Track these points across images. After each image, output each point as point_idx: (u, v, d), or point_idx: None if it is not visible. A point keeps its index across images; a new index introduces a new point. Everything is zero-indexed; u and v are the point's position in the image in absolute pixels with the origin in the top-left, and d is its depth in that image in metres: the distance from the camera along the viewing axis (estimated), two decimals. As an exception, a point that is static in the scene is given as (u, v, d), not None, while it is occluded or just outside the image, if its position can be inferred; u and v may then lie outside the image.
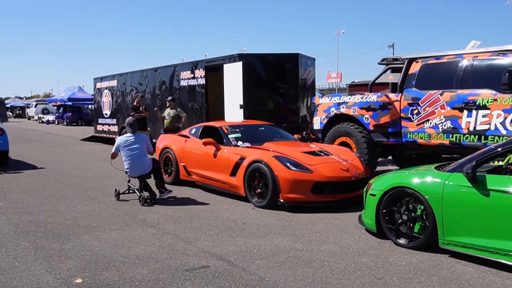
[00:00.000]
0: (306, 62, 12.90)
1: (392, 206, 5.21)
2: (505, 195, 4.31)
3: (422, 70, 8.25)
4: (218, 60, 13.05)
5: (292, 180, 6.83)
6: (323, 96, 10.04)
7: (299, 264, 4.60)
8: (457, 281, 4.12)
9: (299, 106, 12.43)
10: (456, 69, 7.75)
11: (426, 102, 7.96)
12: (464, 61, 7.71)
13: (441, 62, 8.10)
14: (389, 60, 9.32)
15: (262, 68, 12.30)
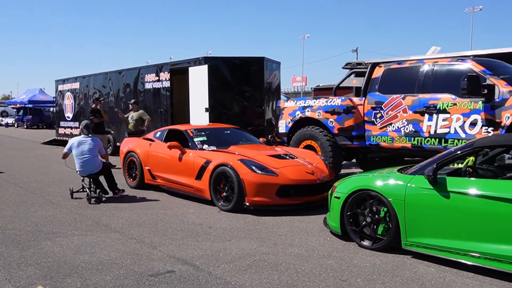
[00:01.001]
0: (272, 66, 12.97)
1: (356, 209, 5.28)
2: (464, 196, 4.43)
3: (385, 75, 8.42)
4: (184, 63, 12.97)
5: (258, 184, 6.84)
6: (288, 99, 10.12)
7: (265, 268, 4.60)
8: (419, 281, 4.20)
9: (264, 109, 12.49)
10: (417, 74, 7.94)
11: (388, 106, 8.13)
12: (425, 66, 7.92)
13: (403, 67, 8.29)
14: (353, 64, 9.49)
15: (228, 71, 12.29)
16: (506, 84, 6.94)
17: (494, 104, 6.91)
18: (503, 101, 6.82)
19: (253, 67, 12.46)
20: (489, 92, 6.93)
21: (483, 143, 4.86)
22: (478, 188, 4.38)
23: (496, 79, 7.06)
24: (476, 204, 4.36)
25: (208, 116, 11.72)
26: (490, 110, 6.94)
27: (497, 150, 5.47)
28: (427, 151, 7.57)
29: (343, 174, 8.93)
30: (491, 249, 4.22)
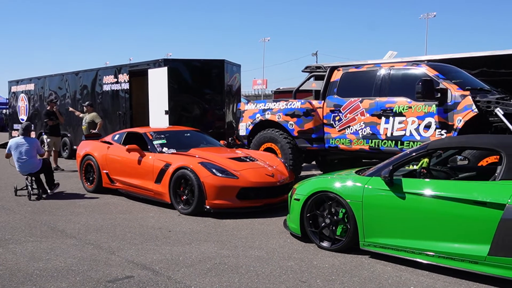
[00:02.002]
0: (232, 69, 12.97)
1: (316, 210, 5.34)
2: (419, 197, 4.56)
3: (343, 78, 8.57)
4: (143, 65, 12.80)
5: (218, 186, 6.82)
6: (249, 102, 10.14)
7: (225, 271, 4.59)
8: (376, 281, 4.30)
9: (225, 112, 12.46)
10: (374, 77, 8.12)
11: (347, 109, 8.27)
12: (381, 70, 8.10)
13: (361, 71, 8.46)
14: (312, 68, 9.60)
15: (188, 73, 12.21)
16: (458, 88, 7.18)
17: (447, 108, 7.15)
18: (455, 105, 7.06)
19: (213, 70, 12.42)
20: (442, 95, 7.16)
21: (436, 145, 5.02)
22: (432, 188, 4.52)
23: (448, 83, 7.30)
24: (430, 204, 4.49)
25: (168, 119, 11.60)
26: (443, 113, 7.17)
27: (450, 151, 5.66)
28: (384, 153, 7.74)
29: (303, 176, 9.02)
30: (444, 248, 4.36)
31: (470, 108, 6.83)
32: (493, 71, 9.70)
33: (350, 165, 8.92)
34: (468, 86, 7.33)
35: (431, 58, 10.12)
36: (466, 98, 6.95)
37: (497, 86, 8.17)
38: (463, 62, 9.49)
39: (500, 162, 4.36)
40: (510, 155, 4.27)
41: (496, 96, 6.99)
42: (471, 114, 6.81)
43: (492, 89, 7.77)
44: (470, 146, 5.33)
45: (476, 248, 4.17)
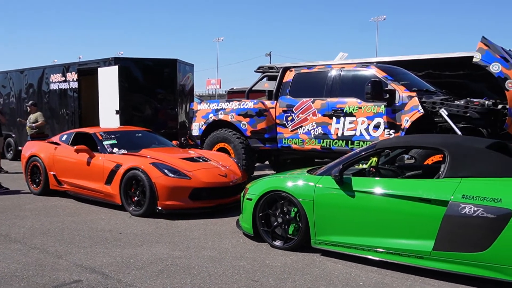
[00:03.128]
0: (185, 68, 12.86)
1: (268, 210, 5.37)
2: (368, 195, 4.67)
3: (295, 79, 8.66)
4: (92, 63, 12.48)
5: (170, 187, 6.74)
6: (202, 102, 10.08)
7: (177, 272, 4.54)
8: (327, 278, 4.36)
9: (177, 112, 12.33)
10: (325, 78, 8.26)
11: (299, 109, 8.37)
12: (333, 71, 8.25)
13: (312, 72, 8.58)
14: (264, 68, 9.66)
15: (140, 72, 12.00)
16: (405, 89, 7.41)
17: (395, 108, 7.36)
18: (403, 105, 7.28)
19: (165, 69, 12.26)
20: (391, 96, 7.36)
21: (384, 144, 5.16)
22: (380, 187, 4.64)
23: (396, 84, 7.52)
24: (378, 202, 4.61)
25: (118, 119, 11.36)
26: (391, 113, 7.38)
27: (397, 151, 5.83)
28: (335, 152, 7.88)
29: (256, 176, 9.05)
30: (393, 244, 4.49)
31: (417, 109, 7.06)
32: (438, 73, 10.08)
33: (303, 164, 9.03)
34: (415, 88, 7.58)
35: (380, 60, 10.40)
36: (412, 99, 7.17)
37: (442, 87, 8.49)
38: (410, 64, 9.80)
39: (444, 160, 4.53)
40: (453, 153, 4.44)
41: (441, 97, 7.25)
42: (418, 115, 7.04)
43: (437, 90, 8.06)
44: (416, 145, 5.51)
45: (421, 244, 4.32)
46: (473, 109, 6.68)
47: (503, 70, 6.48)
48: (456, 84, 9.71)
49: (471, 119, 6.71)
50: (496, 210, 3.92)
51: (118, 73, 11.40)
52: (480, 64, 6.67)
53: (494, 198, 3.97)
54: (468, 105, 6.76)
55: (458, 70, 9.86)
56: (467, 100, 6.93)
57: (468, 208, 4.05)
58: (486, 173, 4.24)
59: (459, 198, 4.12)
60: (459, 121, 6.78)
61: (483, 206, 3.99)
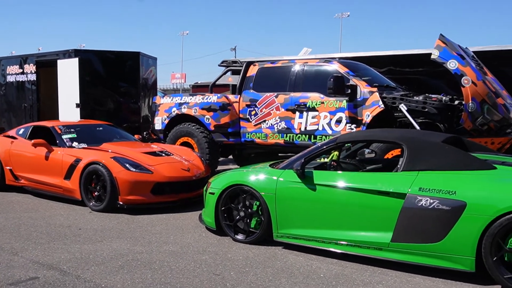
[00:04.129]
0: (148, 61, 12.67)
1: (230, 204, 5.37)
2: (329, 188, 4.74)
3: (259, 73, 8.67)
4: (52, 55, 12.14)
5: (132, 182, 6.64)
6: (165, 96, 9.96)
7: (138, 267, 4.49)
8: (288, 271, 4.40)
9: (140, 106, 12.16)
10: (289, 73, 8.30)
11: (262, 104, 8.39)
12: (296, 66, 8.30)
13: (276, 66, 8.61)
14: (228, 62, 9.63)
15: (101, 65, 11.76)
16: (366, 85, 7.53)
17: (356, 103, 7.47)
18: (364, 100, 7.40)
19: (128, 62, 12.06)
20: (352, 92, 7.47)
21: (345, 138, 5.23)
22: (341, 180, 4.71)
23: (358, 80, 7.63)
24: (339, 195, 4.68)
25: (79, 113, 11.11)
26: (353, 108, 7.49)
27: (358, 145, 5.93)
28: (298, 147, 7.94)
29: (220, 170, 9.02)
30: (353, 237, 4.57)
31: (377, 104, 7.19)
32: (399, 70, 10.30)
33: (267, 159, 9.06)
34: (376, 83, 7.72)
35: (343, 56, 10.54)
36: (373, 94, 7.30)
37: (402, 84, 8.68)
38: (372, 60, 9.98)
39: (402, 154, 4.64)
40: (411, 147, 4.55)
41: (400, 93, 7.41)
42: (378, 110, 7.17)
43: (398, 86, 8.24)
44: (375, 139, 5.62)
45: (380, 236, 4.41)
46: (431, 105, 6.86)
47: (459, 67, 6.68)
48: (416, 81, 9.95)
49: (429, 114, 6.88)
50: (451, 202, 4.05)
51: (79, 65, 11.14)
52: (438, 61, 6.85)
53: (449, 191, 4.09)
54: (426, 100, 6.93)
55: (418, 67, 10.10)
56: (426, 96, 7.11)
57: (425, 201, 4.16)
58: (442, 167, 4.36)
59: (416, 191, 4.23)
60: (418, 116, 6.94)
61: (438, 198, 4.11)
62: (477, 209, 3.94)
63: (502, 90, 7.43)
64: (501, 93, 7.17)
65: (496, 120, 6.72)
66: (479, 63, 7.63)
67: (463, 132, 6.71)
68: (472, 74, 6.65)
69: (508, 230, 3.85)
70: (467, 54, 7.26)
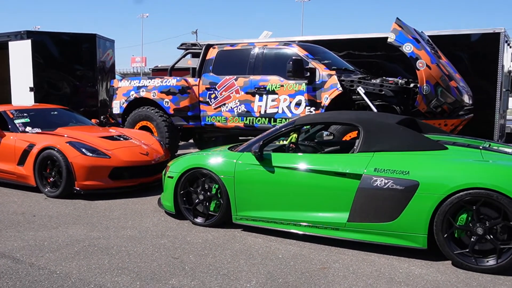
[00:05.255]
0: (105, 44, 12.34)
1: (189, 187, 5.34)
2: (287, 170, 4.77)
3: (219, 56, 8.59)
4: (2, 37, 11.61)
5: (88, 167, 6.50)
6: (123, 79, 9.74)
7: (95, 253, 4.41)
8: (247, 252, 4.43)
9: (97, 89, 11.86)
10: (248, 56, 8.26)
11: (222, 87, 8.33)
12: (255, 49, 8.27)
13: (236, 49, 8.55)
14: (187, 45, 9.49)
15: (56, 48, 11.38)
16: (325, 68, 7.59)
17: (315, 86, 7.52)
18: (322, 83, 7.46)
19: (84, 44, 11.71)
20: (311, 75, 7.51)
21: (303, 120, 5.27)
22: (299, 162, 4.76)
23: (317, 63, 7.67)
24: (297, 177, 4.72)
25: (33, 96, 10.74)
26: (312, 91, 7.54)
27: (317, 127, 5.99)
28: (258, 130, 7.94)
29: (180, 154, 8.95)
30: (311, 218, 4.63)
31: (336, 87, 7.26)
32: (358, 53, 10.41)
33: (228, 142, 9.04)
34: (334, 66, 7.79)
35: (302, 39, 10.56)
36: (332, 77, 7.37)
37: (361, 67, 8.79)
38: (332, 44, 10.04)
39: (359, 136, 4.71)
40: (366, 129, 4.63)
41: (358, 76, 7.51)
42: (337, 92, 7.25)
43: (356, 69, 8.34)
44: (333, 121, 5.68)
45: (337, 216, 4.49)
46: (388, 88, 6.98)
47: (414, 50, 6.80)
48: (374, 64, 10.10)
49: (385, 97, 7.01)
50: (405, 182, 4.15)
51: (32, 47, 10.73)
52: (394, 44, 6.95)
53: (402, 171, 4.19)
54: (383, 83, 7.05)
55: (377, 51, 10.25)
56: (383, 79, 7.23)
57: (380, 181, 4.25)
58: (396, 148, 4.46)
59: (371, 172, 4.32)
60: (375, 98, 7.06)
61: (393, 178, 4.21)
62: (429, 188, 4.06)
63: (455, 73, 7.65)
64: (454, 76, 7.37)
65: (449, 103, 6.90)
66: (434, 46, 7.81)
67: (418, 114, 6.87)
68: (426, 58, 6.79)
69: (458, 208, 3.99)
70: (422, 38, 7.41)
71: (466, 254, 3.97)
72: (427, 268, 4.02)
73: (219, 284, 3.71)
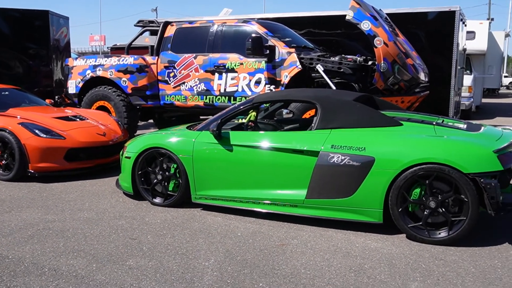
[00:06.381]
0: (59, 21, 11.89)
1: (147, 167, 5.26)
2: (245, 149, 4.75)
3: (177, 34, 8.43)
4: None
5: (43, 148, 6.30)
6: (78, 58, 9.43)
7: (49, 236, 4.30)
8: (206, 231, 4.42)
9: (52, 69, 11.47)
10: (207, 34, 8.14)
11: (181, 65, 8.19)
12: (214, 26, 8.14)
13: (194, 27, 8.40)
14: (145, 22, 9.26)
15: (5, 25, 10.90)
16: (285, 45, 7.56)
17: (275, 64, 7.49)
18: (282, 61, 7.43)
19: (36, 22, 11.25)
20: (271, 52, 7.47)
21: (261, 98, 5.23)
22: (257, 140, 4.74)
23: (277, 40, 7.63)
24: (255, 155, 4.71)
25: (-17, 77, 10.29)
26: (271, 69, 7.51)
27: (277, 105, 5.98)
28: (218, 108, 7.88)
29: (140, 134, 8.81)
30: (269, 195, 4.64)
31: (295, 65, 7.25)
32: (318, 31, 10.43)
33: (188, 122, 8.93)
34: (294, 44, 7.76)
35: (262, 17, 10.48)
36: (291, 55, 7.35)
37: (320, 45, 8.80)
38: (292, 22, 10.02)
39: (316, 113, 4.72)
40: (323, 106, 4.65)
41: (318, 54, 7.51)
42: (296, 70, 7.25)
43: (315, 47, 8.34)
44: (291, 99, 5.67)
45: (296, 193, 4.52)
46: (346, 65, 7.03)
47: (372, 28, 6.86)
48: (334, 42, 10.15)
49: (344, 74, 7.06)
50: (361, 158, 4.21)
51: (-21, 24, 10.25)
52: (352, 22, 6.98)
53: (359, 147, 4.24)
54: (342, 61, 7.08)
55: (336, 29, 10.29)
56: (341, 56, 7.26)
57: (336, 157, 4.29)
58: (353, 124, 4.50)
59: (328, 148, 4.35)
60: (334, 76, 7.10)
61: (349, 155, 4.26)
62: (384, 164, 4.13)
63: (412, 51, 7.77)
64: (411, 54, 7.48)
65: (406, 80, 7.02)
66: (392, 24, 7.89)
67: (376, 92, 6.96)
68: (384, 35, 6.86)
69: (412, 183, 4.08)
70: (380, 15, 7.46)
71: (420, 227, 4.08)
72: (383, 242, 4.11)
73: (177, 264, 3.69)
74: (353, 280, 3.40)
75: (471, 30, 14.04)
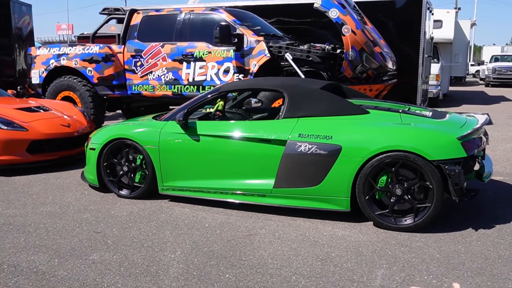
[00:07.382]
0: (21, 9, 11.51)
1: (113, 159, 5.14)
2: (212, 138, 4.69)
3: (143, 22, 8.26)
4: None
5: (4, 141, 6.09)
6: (41, 47, 9.14)
7: (10, 231, 4.16)
8: (173, 223, 4.35)
9: (14, 58, 11.13)
10: (175, 22, 7.99)
11: (148, 54, 8.04)
12: (182, 14, 8.00)
13: (161, 15, 8.24)
14: (110, 10, 9.03)
15: (-36, 13, 10.49)
16: (253, 34, 7.49)
17: (243, 53, 7.42)
18: (251, 50, 7.36)
19: (-3, 10, 10.87)
20: (239, 41, 7.39)
21: (228, 87, 5.16)
22: (225, 130, 4.68)
23: (245, 29, 7.55)
24: (223, 144, 4.65)
25: None
26: (240, 58, 7.43)
27: (245, 94, 5.92)
28: (187, 98, 7.73)
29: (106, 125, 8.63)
30: (238, 185, 4.59)
31: (264, 53, 7.20)
32: (287, 20, 10.39)
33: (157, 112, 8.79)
34: (263, 32, 7.70)
35: (231, 5, 10.36)
36: (260, 43, 7.29)
37: (290, 33, 8.75)
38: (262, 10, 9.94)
39: (284, 102, 4.69)
40: (291, 95, 4.61)
41: (286, 42, 7.47)
42: (265, 59, 7.20)
43: (284, 35, 8.30)
44: (258, 88, 5.61)
45: (264, 183, 4.48)
46: (315, 54, 7.01)
47: (340, 16, 6.85)
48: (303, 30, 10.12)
49: (313, 63, 7.04)
50: (328, 147, 4.20)
51: None
52: (319, 9, 6.96)
53: (326, 136, 4.23)
54: (310, 49, 7.06)
55: (305, 17, 10.27)
56: (310, 45, 7.24)
57: (304, 146, 4.27)
58: (320, 113, 4.48)
59: (296, 137, 4.32)
60: (302, 65, 7.08)
61: (316, 143, 4.24)
62: (351, 152, 4.13)
63: (380, 39, 7.80)
64: (378, 42, 7.51)
65: (374, 68, 7.06)
66: (360, 12, 7.89)
67: (344, 80, 6.97)
68: (352, 23, 6.86)
69: (378, 171, 4.10)
70: (348, 3, 7.45)
71: (386, 215, 4.11)
72: (350, 230, 4.12)
73: (142, 257, 3.62)
74: (320, 269, 3.39)
75: (438, 19, 14.24)
